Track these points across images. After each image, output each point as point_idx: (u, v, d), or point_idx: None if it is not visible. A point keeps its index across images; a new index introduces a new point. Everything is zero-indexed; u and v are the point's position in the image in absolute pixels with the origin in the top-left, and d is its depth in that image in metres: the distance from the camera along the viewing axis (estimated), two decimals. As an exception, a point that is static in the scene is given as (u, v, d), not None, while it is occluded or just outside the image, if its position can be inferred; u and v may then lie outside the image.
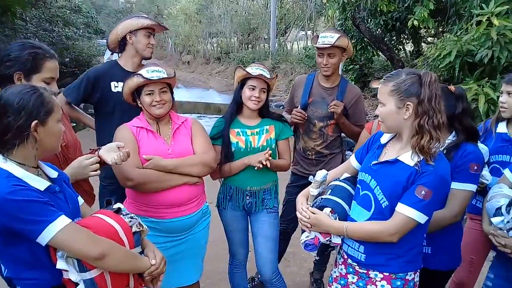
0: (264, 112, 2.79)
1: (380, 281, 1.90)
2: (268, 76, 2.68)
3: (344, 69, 10.98)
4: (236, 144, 2.71)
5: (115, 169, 2.30)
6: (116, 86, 2.91)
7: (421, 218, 1.80)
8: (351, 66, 10.71)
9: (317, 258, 3.40)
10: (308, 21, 17.97)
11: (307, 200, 2.09)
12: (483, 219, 2.19)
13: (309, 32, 18.26)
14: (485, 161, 2.47)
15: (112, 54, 3.16)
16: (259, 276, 3.40)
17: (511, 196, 2.02)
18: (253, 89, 2.67)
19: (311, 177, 2.18)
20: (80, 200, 1.84)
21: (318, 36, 3.08)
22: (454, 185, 2.06)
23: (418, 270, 1.95)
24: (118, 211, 1.76)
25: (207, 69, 22.91)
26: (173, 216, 2.40)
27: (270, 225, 2.79)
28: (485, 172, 2.48)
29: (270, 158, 2.66)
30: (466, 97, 2.34)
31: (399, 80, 1.82)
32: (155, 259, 1.76)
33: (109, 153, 2.07)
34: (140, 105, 2.46)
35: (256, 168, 2.64)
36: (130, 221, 1.72)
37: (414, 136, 1.81)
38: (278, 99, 13.01)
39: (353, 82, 10.16)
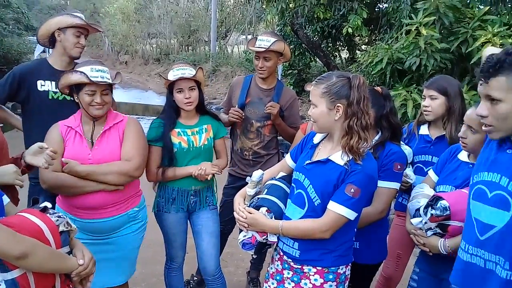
0: (201, 108, 2.79)
1: (313, 275, 1.97)
2: (192, 73, 2.64)
3: (283, 74, 11.20)
4: (179, 144, 2.69)
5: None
6: (42, 85, 2.79)
7: (351, 215, 1.88)
8: (290, 71, 10.94)
9: (254, 257, 3.47)
10: (249, 26, 18.14)
11: (244, 200, 2.13)
12: (406, 218, 2.31)
13: (249, 36, 18.41)
14: (409, 161, 2.62)
15: (43, 51, 3.03)
16: (194, 279, 3.40)
17: (430, 196, 2.15)
18: (181, 91, 2.64)
19: (248, 178, 2.22)
20: (5, 199, 1.75)
21: (256, 39, 3.13)
22: (380, 183, 2.16)
23: (349, 264, 2.04)
24: (45, 209, 1.68)
25: (145, 70, 22.42)
26: (92, 217, 2.36)
27: (213, 221, 2.82)
28: (409, 172, 2.63)
29: (217, 165, 2.73)
30: (391, 97, 2.48)
31: (330, 82, 1.89)
32: (83, 259, 1.69)
33: (36, 156, 2.04)
34: (77, 101, 2.37)
35: (196, 175, 2.66)
36: (57, 220, 1.65)
37: (344, 136, 1.89)
38: (219, 102, 13.01)
39: (291, 87, 10.39)
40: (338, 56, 11.20)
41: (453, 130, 2.52)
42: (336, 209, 1.87)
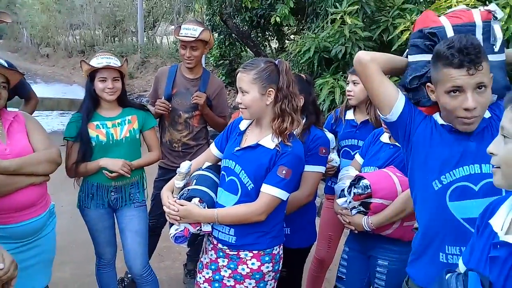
0: (123, 101, 2.70)
1: (250, 259, 2.00)
2: (118, 64, 2.59)
3: (214, 64, 11.12)
4: (97, 137, 2.58)
5: None
6: None
7: (284, 195, 1.95)
8: (221, 61, 10.88)
9: (188, 250, 3.44)
10: (177, 15, 17.79)
11: (172, 193, 2.10)
12: (334, 200, 2.39)
13: (178, 27, 18.10)
14: (332, 147, 2.72)
15: None
16: (129, 276, 3.31)
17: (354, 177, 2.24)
18: (104, 80, 2.56)
19: (178, 169, 2.19)
20: None
21: (180, 28, 3.07)
22: (306, 167, 2.22)
23: (282, 244, 2.09)
24: None
25: (69, 63, 21.34)
26: (21, 219, 2.18)
27: (139, 219, 2.73)
28: (334, 156, 2.74)
29: (131, 164, 2.61)
30: (312, 83, 2.57)
31: (260, 68, 1.93)
32: (3, 262, 1.60)
33: None
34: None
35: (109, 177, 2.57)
36: None
37: (275, 120, 1.94)
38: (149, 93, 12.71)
39: (223, 77, 10.36)
40: (268, 46, 11.29)
41: (376, 114, 2.63)
42: (270, 191, 1.92)
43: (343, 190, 2.22)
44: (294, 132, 2.03)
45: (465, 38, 1.52)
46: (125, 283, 3.29)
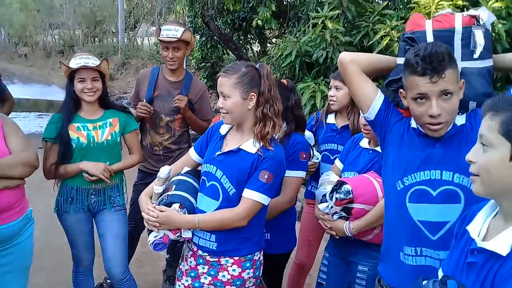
0: (105, 102, 2.67)
1: (231, 266, 1.98)
2: (96, 63, 2.55)
3: (196, 67, 11.06)
4: (77, 139, 2.55)
5: None
6: None
7: (266, 200, 1.94)
8: (203, 64, 10.83)
9: (167, 256, 3.40)
10: (159, 17, 17.66)
11: (150, 199, 2.07)
12: (315, 204, 2.40)
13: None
14: (311, 144, 2.72)
15: None
16: (108, 281, 3.26)
17: (335, 183, 2.25)
18: (83, 81, 2.53)
19: (158, 174, 2.16)
20: None
21: (160, 29, 3.04)
22: (287, 173, 2.22)
23: (262, 250, 2.09)
24: None
25: (48, 63, 20.97)
26: None
27: (120, 223, 2.70)
28: (315, 152, 2.74)
29: (111, 169, 2.59)
30: (296, 90, 2.56)
31: (242, 73, 1.92)
32: None
33: None
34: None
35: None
36: None
37: (257, 124, 1.94)
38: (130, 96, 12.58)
39: (205, 80, 10.31)
40: (250, 49, 11.30)
41: (356, 120, 2.65)
42: (252, 196, 1.91)
43: (324, 195, 2.22)
44: (275, 137, 2.02)
45: (431, 46, 1.55)
46: None
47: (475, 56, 1.64)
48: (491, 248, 1.10)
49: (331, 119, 2.87)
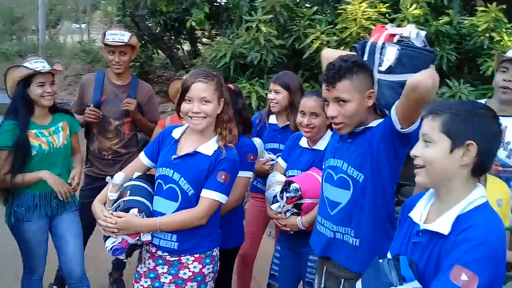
0: (53, 106, 2.68)
1: (192, 263, 2.08)
2: (48, 67, 2.57)
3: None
4: (39, 146, 2.55)
5: None
6: None
7: (224, 199, 2.07)
8: (132, 63, 10.61)
9: (123, 258, 3.41)
10: (83, 14, 17.03)
11: (105, 205, 2.10)
12: (266, 205, 2.58)
13: (83, 25, 17.32)
14: (260, 150, 2.88)
15: None
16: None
17: (283, 181, 2.44)
18: (43, 85, 2.53)
19: (108, 178, 2.20)
20: None
21: (105, 33, 3.07)
22: None
23: (218, 246, 2.21)
24: None
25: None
26: None
27: (77, 223, 2.75)
28: (268, 155, 2.93)
29: (76, 183, 2.67)
30: (243, 94, 2.72)
31: (216, 80, 2.08)
32: None
33: None
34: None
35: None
36: None
37: (220, 128, 2.09)
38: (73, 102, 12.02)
39: (135, 79, 10.13)
40: (180, 49, 11.27)
41: (295, 121, 2.85)
42: (211, 196, 2.03)
43: (275, 196, 2.39)
44: (231, 138, 2.14)
45: (339, 59, 1.83)
46: None
47: (381, 69, 1.86)
48: (435, 229, 1.34)
49: (272, 119, 3.05)
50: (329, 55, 2.04)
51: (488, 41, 4.74)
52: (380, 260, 1.38)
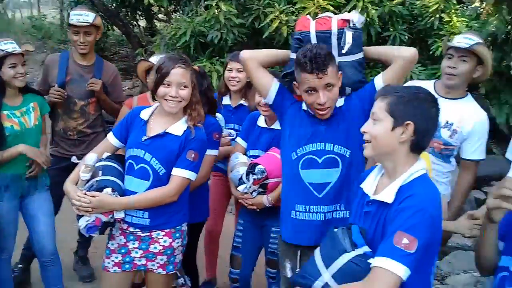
0: (24, 86, 2.69)
1: (162, 238, 2.19)
2: (18, 48, 2.58)
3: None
4: (11, 127, 2.58)
5: None
6: None
7: (194, 176, 2.19)
8: (86, 40, 10.34)
9: (92, 235, 3.46)
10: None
11: (76, 185, 2.17)
12: (231, 186, 2.70)
13: (33, 0, 16.54)
14: (223, 126, 2.99)
15: None
16: (19, 266, 3.22)
17: (246, 163, 2.57)
18: (15, 66, 2.54)
19: (74, 157, 2.27)
20: None
21: (69, 14, 3.12)
22: None
23: (187, 221, 2.33)
24: None
25: None
26: None
27: (49, 202, 2.80)
28: (228, 130, 3.04)
29: (46, 153, 2.71)
30: (207, 75, 2.80)
31: (190, 64, 2.20)
32: None
33: None
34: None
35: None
36: None
37: (190, 109, 2.18)
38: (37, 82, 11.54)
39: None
40: (136, 25, 11.04)
41: (252, 100, 2.93)
42: (181, 174, 2.14)
43: (240, 178, 2.52)
44: (199, 118, 2.24)
45: (315, 48, 1.96)
46: (16, 273, 3.15)
47: (343, 51, 2.09)
48: (380, 199, 1.51)
49: (226, 100, 3.15)
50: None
51: (438, 22, 4.93)
52: (335, 230, 1.53)
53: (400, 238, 1.39)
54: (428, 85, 2.47)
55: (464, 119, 2.47)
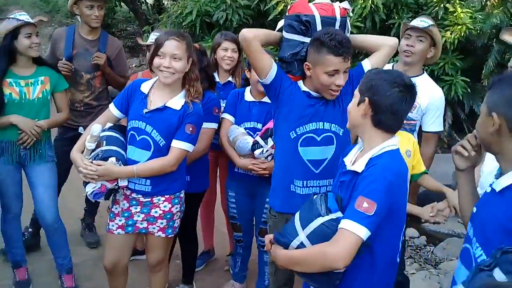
0: (39, 58, 2.79)
1: (162, 203, 2.37)
2: (30, 19, 2.68)
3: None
4: (10, 95, 2.67)
5: None
6: None
7: (191, 148, 2.34)
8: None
9: (86, 209, 3.62)
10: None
11: (83, 154, 2.30)
12: (234, 158, 2.79)
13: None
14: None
15: None
16: (29, 230, 3.41)
17: (245, 132, 2.72)
18: (30, 36, 2.64)
19: (81, 128, 2.41)
20: None
21: None
22: (204, 124, 2.56)
23: (184, 189, 2.49)
24: None
25: None
26: None
27: (50, 173, 2.89)
28: None
29: (41, 125, 2.73)
30: (207, 53, 2.91)
31: (188, 40, 2.28)
32: None
33: None
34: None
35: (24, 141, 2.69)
36: None
37: (189, 84, 2.30)
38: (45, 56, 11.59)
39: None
40: (144, 2, 11.08)
41: (240, 77, 3.09)
42: (181, 146, 2.29)
43: (254, 144, 2.65)
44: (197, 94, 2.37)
45: (340, 34, 2.08)
46: (25, 237, 3.33)
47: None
48: (353, 169, 1.66)
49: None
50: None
51: (442, 12, 4.92)
52: (314, 196, 1.69)
53: (361, 202, 1.54)
54: (387, 67, 2.58)
55: (422, 94, 2.58)
